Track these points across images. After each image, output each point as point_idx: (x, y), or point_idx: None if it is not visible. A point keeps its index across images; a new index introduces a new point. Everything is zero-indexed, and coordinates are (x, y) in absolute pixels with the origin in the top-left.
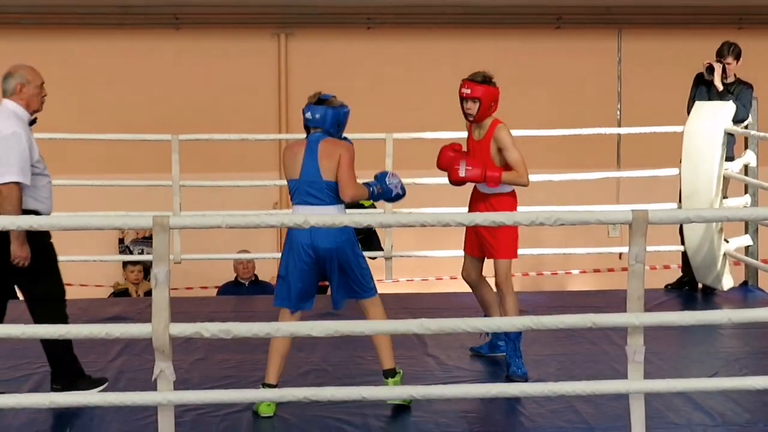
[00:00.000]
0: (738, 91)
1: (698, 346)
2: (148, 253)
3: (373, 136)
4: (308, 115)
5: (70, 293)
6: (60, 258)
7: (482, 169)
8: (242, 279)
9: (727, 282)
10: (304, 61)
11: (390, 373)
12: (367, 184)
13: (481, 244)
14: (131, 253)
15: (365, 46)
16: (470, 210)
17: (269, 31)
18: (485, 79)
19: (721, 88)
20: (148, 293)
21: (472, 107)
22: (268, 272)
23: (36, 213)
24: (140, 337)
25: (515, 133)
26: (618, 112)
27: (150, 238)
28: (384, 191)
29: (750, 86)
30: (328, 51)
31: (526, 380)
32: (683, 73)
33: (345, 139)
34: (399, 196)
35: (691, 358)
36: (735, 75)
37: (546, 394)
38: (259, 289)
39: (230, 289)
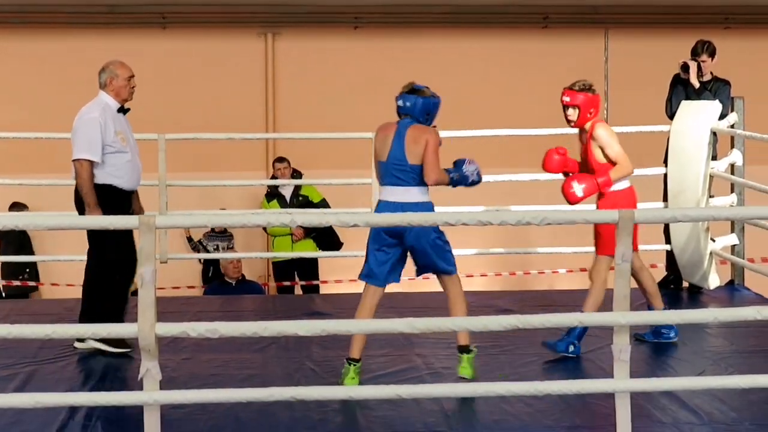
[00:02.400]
0: (716, 89)
1: (684, 345)
2: (223, 249)
3: (361, 135)
4: (400, 102)
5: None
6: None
7: (593, 181)
8: (229, 278)
9: (714, 281)
10: (291, 60)
11: (465, 349)
12: (447, 171)
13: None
14: (205, 249)
15: (352, 45)
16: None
17: (256, 31)
18: (583, 87)
19: (697, 85)
20: (135, 293)
21: (572, 114)
22: (255, 272)
23: (112, 187)
24: (127, 337)
25: (502, 132)
26: (605, 112)
27: (223, 232)
28: (461, 177)
29: (728, 83)
30: (315, 50)
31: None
32: (670, 72)
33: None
34: (475, 182)
35: (677, 357)
36: (711, 73)
37: (533, 393)
38: (246, 288)
39: (217, 288)
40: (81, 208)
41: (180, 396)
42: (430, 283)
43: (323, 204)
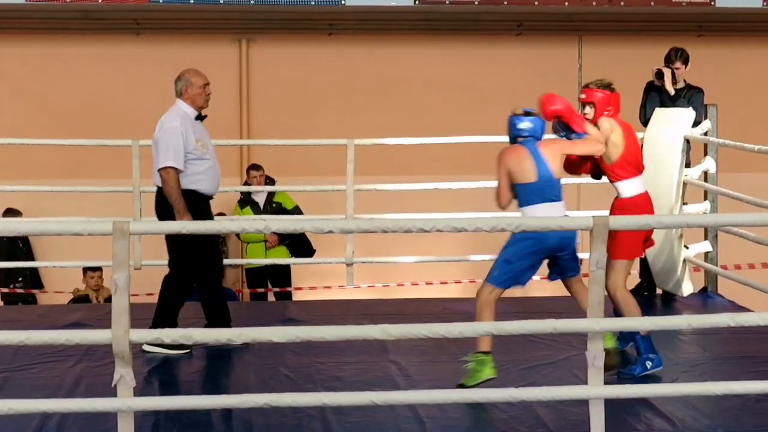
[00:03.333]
0: (689, 96)
1: (658, 351)
2: None
3: (335, 141)
4: (521, 125)
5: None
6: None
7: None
8: None
9: (687, 288)
10: (265, 67)
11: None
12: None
13: None
14: None
15: (326, 52)
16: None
17: (230, 37)
18: (600, 85)
19: (672, 92)
20: (109, 299)
21: (589, 112)
22: (229, 279)
23: (196, 192)
24: (100, 344)
25: (477, 139)
26: None
27: None
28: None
29: (701, 90)
30: (289, 57)
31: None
32: (643, 79)
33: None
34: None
35: None
36: (685, 80)
37: (507, 400)
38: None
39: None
40: (163, 215)
41: (154, 403)
42: (404, 290)
43: (296, 211)
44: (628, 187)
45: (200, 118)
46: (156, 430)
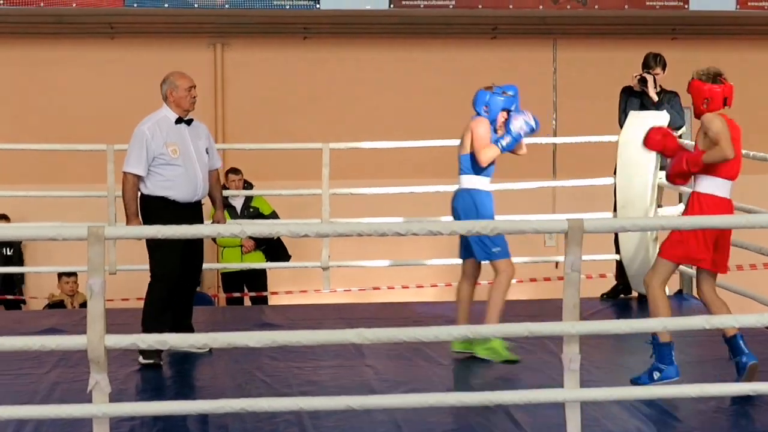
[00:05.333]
0: (668, 99)
1: (634, 354)
2: None
3: (310, 145)
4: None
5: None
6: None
7: (682, 153)
8: None
9: None
10: (240, 70)
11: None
12: (496, 141)
13: None
14: None
15: (301, 56)
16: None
17: (205, 41)
18: (699, 76)
19: (656, 98)
20: (84, 305)
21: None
22: (204, 283)
23: (165, 198)
24: (75, 349)
25: (452, 143)
26: (553, 122)
27: None
28: (513, 139)
29: (677, 94)
30: (264, 61)
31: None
32: (618, 82)
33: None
34: (533, 130)
35: (627, 367)
36: (660, 85)
37: (483, 403)
38: (197, 299)
39: None
40: (145, 219)
41: (129, 408)
42: (381, 294)
43: (273, 216)
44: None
45: (183, 121)
46: None
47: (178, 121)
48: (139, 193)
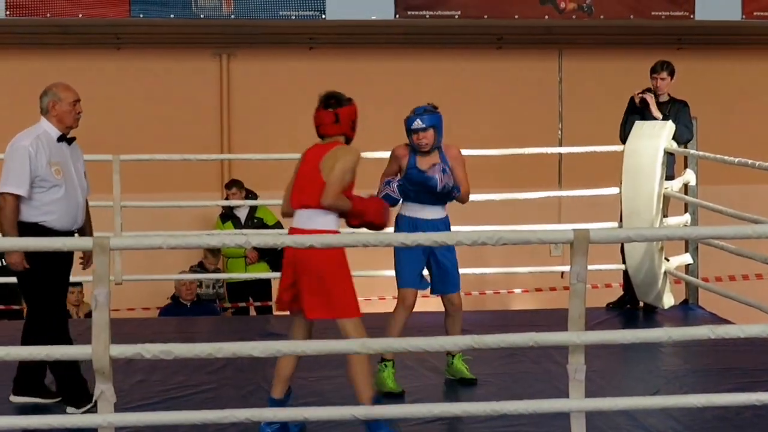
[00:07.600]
0: (675, 111)
1: (639, 364)
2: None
3: None
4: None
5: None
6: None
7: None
8: (184, 300)
9: (668, 300)
10: (245, 81)
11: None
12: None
13: None
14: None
15: (307, 66)
16: None
17: (211, 51)
18: None
19: (660, 117)
20: (89, 315)
21: None
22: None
23: (41, 226)
24: (81, 359)
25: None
26: (559, 132)
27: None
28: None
29: (686, 104)
30: (269, 71)
31: None
32: (624, 92)
33: None
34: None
35: (632, 377)
36: (669, 94)
37: (488, 413)
38: (201, 309)
39: (172, 309)
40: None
41: (134, 418)
42: (386, 304)
43: (278, 227)
44: None
45: (65, 139)
46: None
47: (60, 138)
48: None
